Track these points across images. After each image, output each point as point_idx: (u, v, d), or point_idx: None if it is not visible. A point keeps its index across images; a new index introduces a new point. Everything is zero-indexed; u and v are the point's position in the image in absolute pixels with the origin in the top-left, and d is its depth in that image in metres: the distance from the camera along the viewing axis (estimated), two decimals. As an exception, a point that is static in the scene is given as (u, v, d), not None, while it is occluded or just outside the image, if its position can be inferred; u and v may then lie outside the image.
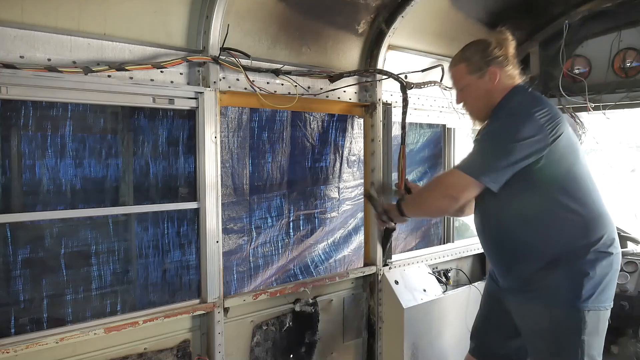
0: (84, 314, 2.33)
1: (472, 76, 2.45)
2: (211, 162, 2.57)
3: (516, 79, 2.47)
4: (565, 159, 2.31)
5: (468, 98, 2.52)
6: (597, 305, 2.29)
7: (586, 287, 2.27)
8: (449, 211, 2.54)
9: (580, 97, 3.79)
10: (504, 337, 2.66)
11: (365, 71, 3.18)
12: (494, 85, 2.42)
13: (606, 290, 2.32)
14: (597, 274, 2.28)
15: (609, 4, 3.67)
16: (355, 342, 3.38)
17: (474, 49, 2.47)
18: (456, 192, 2.33)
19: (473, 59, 2.44)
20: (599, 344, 2.34)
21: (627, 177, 7.50)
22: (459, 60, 2.50)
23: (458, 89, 2.55)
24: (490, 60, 2.42)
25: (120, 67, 2.23)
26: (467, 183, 2.30)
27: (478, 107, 2.51)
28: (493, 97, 2.43)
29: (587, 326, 2.27)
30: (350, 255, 3.38)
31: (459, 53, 2.53)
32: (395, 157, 3.35)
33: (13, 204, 2.17)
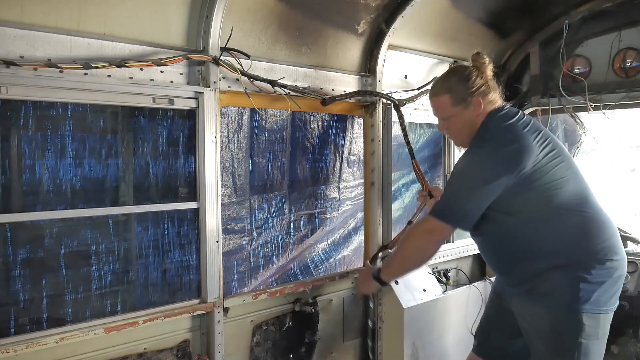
0: (84, 314, 2.32)
1: (457, 107, 2.45)
2: (211, 162, 2.57)
3: (497, 103, 2.49)
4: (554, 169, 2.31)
5: (452, 128, 2.53)
6: (597, 308, 2.29)
7: (584, 290, 2.28)
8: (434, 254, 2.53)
9: (581, 97, 3.79)
10: (507, 336, 2.67)
11: (356, 94, 3.17)
12: (477, 114, 2.44)
13: (606, 294, 2.32)
14: (595, 279, 2.29)
15: (609, 4, 3.67)
16: (355, 342, 3.38)
17: (456, 79, 2.45)
18: (437, 236, 2.41)
19: (456, 90, 2.43)
20: (599, 348, 2.34)
21: (627, 177, 7.50)
22: (443, 90, 2.48)
23: (441, 118, 2.55)
24: (474, 91, 2.42)
25: (120, 63, 2.23)
26: (443, 227, 2.38)
27: (462, 135, 2.53)
28: (475, 124, 2.46)
29: (585, 329, 2.27)
30: (350, 255, 3.38)
31: (441, 82, 2.52)
32: (395, 157, 3.36)
33: (13, 204, 2.16)
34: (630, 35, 3.69)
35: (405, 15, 3.15)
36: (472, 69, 2.46)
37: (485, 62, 2.48)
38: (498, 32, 3.87)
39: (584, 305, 2.27)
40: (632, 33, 3.68)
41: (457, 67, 2.57)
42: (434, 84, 2.57)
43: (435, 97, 2.52)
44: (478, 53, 2.50)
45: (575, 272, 2.29)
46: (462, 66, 2.54)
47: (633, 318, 3.52)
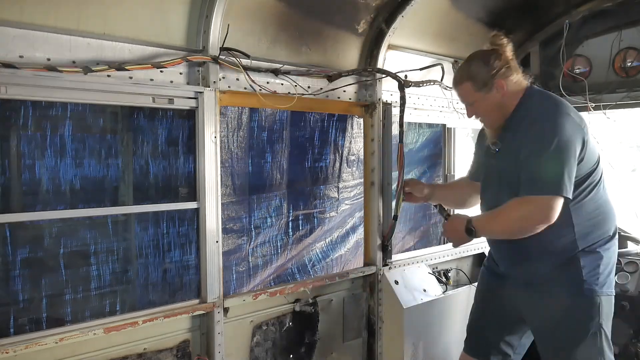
0: (84, 314, 2.32)
1: (480, 92, 2.48)
2: (211, 162, 2.56)
3: (523, 83, 2.53)
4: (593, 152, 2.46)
5: (480, 112, 2.56)
6: (609, 290, 2.47)
7: (602, 273, 2.44)
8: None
9: (581, 96, 3.79)
10: (502, 333, 2.69)
11: (363, 70, 3.18)
12: (503, 95, 2.47)
13: (612, 274, 2.51)
14: (609, 257, 2.49)
15: (610, 4, 3.67)
16: (355, 342, 3.38)
17: (476, 65, 2.49)
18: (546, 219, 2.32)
19: (478, 76, 2.47)
20: (610, 324, 2.51)
21: (628, 177, 7.50)
22: (463, 78, 2.53)
23: (467, 104, 2.59)
24: (494, 73, 2.45)
25: (119, 66, 2.23)
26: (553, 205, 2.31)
27: (492, 119, 2.56)
28: (505, 107, 2.50)
29: (603, 311, 2.44)
30: (350, 255, 3.37)
31: (462, 71, 2.57)
32: (394, 157, 3.35)
33: (12, 204, 2.16)
34: (630, 35, 3.69)
35: (405, 15, 3.15)
36: (491, 52, 2.48)
37: (504, 42, 2.49)
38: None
39: (602, 289, 2.44)
40: (633, 33, 3.68)
41: (476, 52, 2.56)
42: (456, 72, 2.62)
43: (458, 85, 2.56)
44: (496, 34, 2.51)
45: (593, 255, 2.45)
46: (481, 51, 2.54)
47: (633, 318, 3.52)
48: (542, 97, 2.52)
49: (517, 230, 2.42)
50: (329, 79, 2.98)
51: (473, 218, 2.56)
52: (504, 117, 2.52)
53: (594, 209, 2.47)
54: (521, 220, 2.39)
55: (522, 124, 2.46)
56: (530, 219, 2.36)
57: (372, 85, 3.27)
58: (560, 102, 2.48)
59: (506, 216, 2.44)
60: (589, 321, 2.45)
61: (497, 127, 2.56)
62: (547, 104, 2.47)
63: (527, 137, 2.40)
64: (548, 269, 2.48)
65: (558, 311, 2.48)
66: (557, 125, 2.34)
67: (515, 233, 2.44)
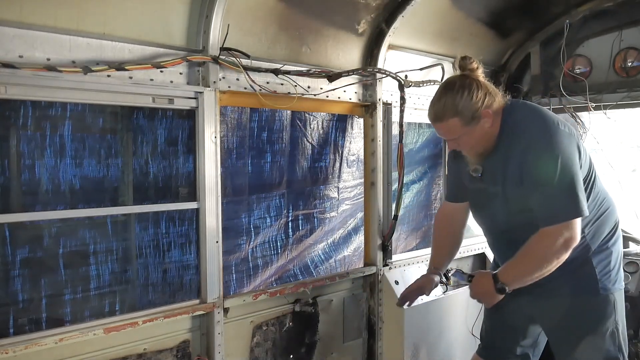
0: (83, 314, 2.32)
1: (468, 126, 2.34)
2: (211, 162, 2.56)
3: (501, 104, 2.42)
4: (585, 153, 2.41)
5: (467, 144, 2.42)
6: (620, 285, 2.50)
7: (613, 269, 2.45)
8: None
9: (581, 96, 3.78)
10: (517, 338, 2.68)
11: (363, 70, 3.17)
12: (490, 125, 2.37)
13: (621, 268, 2.53)
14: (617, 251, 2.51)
15: (610, 4, 3.66)
16: (355, 342, 3.38)
17: (460, 99, 2.32)
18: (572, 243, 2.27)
19: (464, 112, 2.31)
20: (624, 321, 2.53)
21: (628, 177, 7.50)
22: (449, 114, 2.33)
23: (452, 139, 2.43)
24: (480, 105, 2.33)
25: (119, 66, 2.23)
26: (576, 227, 2.26)
27: (479, 147, 2.44)
28: (491, 131, 2.39)
29: (618, 307, 2.46)
30: (350, 255, 3.37)
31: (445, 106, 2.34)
32: (394, 157, 3.35)
33: (12, 204, 2.16)
34: (631, 35, 3.68)
35: (405, 15, 3.14)
36: (469, 82, 2.35)
37: (474, 66, 2.38)
38: (498, 32, 3.86)
39: (615, 285, 2.46)
40: (633, 33, 3.68)
41: (452, 81, 2.40)
42: (434, 107, 2.41)
43: (441, 122, 2.38)
44: (464, 58, 2.40)
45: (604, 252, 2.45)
46: (458, 79, 2.39)
47: (634, 318, 3.51)
48: (526, 114, 2.39)
49: (551, 267, 2.30)
50: (329, 79, 2.97)
51: (499, 273, 2.40)
52: (490, 144, 2.41)
53: (597, 208, 2.45)
54: (551, 255, 2.28)
55: (511, 147, 2.35)
56: (559, 251, 2.27)
57: (372, 85, 3.27)
58: (545, 116, 2.38)
59: (534, 257, 2.33)
60: (606, 320, 2.43)
61: (483, 154, 2.45)
62: (533, 121, 2.36)
63: (528, 165, 2.30)
64: (561, 272, 2.38)
65: (573, 313, 2.45)
66: (554, 146, 2.26)
67: (550, 269, 2.31)
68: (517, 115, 2.39)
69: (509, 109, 2.41)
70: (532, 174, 2.29)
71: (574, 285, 2.43)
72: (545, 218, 2.29)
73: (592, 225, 2.43)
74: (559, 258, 2.28)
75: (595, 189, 2.45)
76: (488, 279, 2.41)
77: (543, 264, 2.30)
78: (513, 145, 2.36)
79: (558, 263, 2.29)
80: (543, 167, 2.27)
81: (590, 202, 2.38)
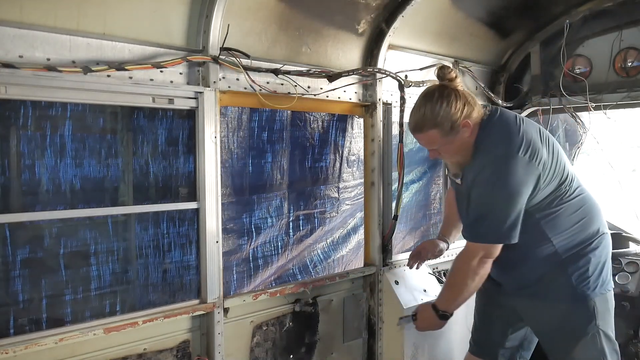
0: (84, 314, 2.32)
1: (448, 137, 2.38)
2: (211, 162, 2.56)
3: (480, 115, 2.43)
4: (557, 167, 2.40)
5: (446, 154, 2.49)
6: (602, 290, 2.47)
7: (593, 274, 2.44)
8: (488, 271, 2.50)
9: (581, 96, 3.78)
10: (506, 332, 2.71)
11: (363, 70, 3.17)
12: (469, 135, 2.40)
13: (605, 272, 2.50)
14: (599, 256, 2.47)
15: (610, 4, 3.67)
16: (355, 342, 3.38)
17: (440, 108, 2.35)
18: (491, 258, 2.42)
19: (444, 122, 2.35)
20: (610, 320, 2.51)
21: (628, 177, 7.50)
22: (428, 125, 2.38)
23: (432, 149, 2.49)
24: (459, 116, 2.35)
25: (119, 66, 2.23)
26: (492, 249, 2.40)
27: (459, 157, 2.48)
28: (469, 141, 2.42)
29: (599, 312, 2.44)
30: (350, 255, 3.37)
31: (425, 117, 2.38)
32: (394, 157, 3.35)
33: (12, 204, 2.16)
34: (631, 35, 3.68)
35: (405, 15, 3.14)
36: (449, 91, 2.37)
37: (453, 76, 2.41)
38: (498, 32, 3.86)
39: (595, 291, 2.44)
40: (633, 33, 3.68)
41: (431, 91, 2.42)
42: (414, 117, 2.45)
43: (421, 132, 2.42)
44: (442, 67, 2.43)
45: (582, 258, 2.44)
46: (437, 89, 2.41)
47: (633, 318, 3.52)
48: (493, 132, 2.40)
49: (475, 282, 2.46)
50: (329, 79, 2.97)
51: (436, 302, 2.60)
52: (469, 153, 2.43)
53: (571, 219, 2.45)
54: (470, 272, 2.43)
55: (475, 162, 2.40)
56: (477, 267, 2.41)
57: (372, 85, 3.27)
58: (511, 139, 2.35)
59: (457, 276, 2.52)
60: (585, 325, 2.45)
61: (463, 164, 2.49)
62: (497, 142, 2.37)
63: (476, 181, 2.37)
64: (536, 276, 2.48)
65: (554, 316, 2.49)
66: (504, 174, 2.29)
67: (476, 284, 2.47)
68: (487, 131, 2.41)
69: (485, 122, 2.43)
70: (475, 188, 2.38)
71: (552, 292, 2.46)
72: (468, 233, 2.45)
73: (564, 236, 2.44)
74: (478, 273, 2.42)
75: (565, 201, 2.44)
76: (429, 311, 2.61)
77: (466, 281, 2.46)
78: (477, 160, 2.40)
79: (480, 278, 2.44)
80: (486, 186, 2.35)
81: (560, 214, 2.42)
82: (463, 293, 2.51)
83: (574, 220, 2.45)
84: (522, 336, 2.74)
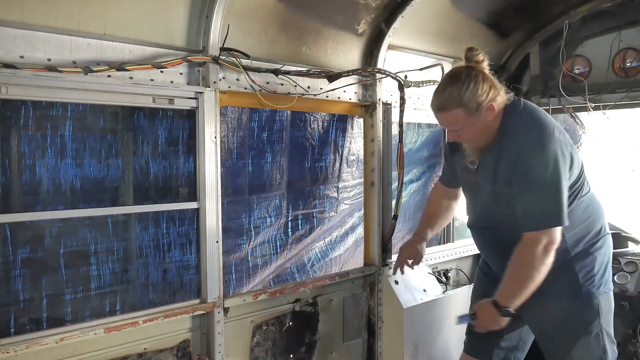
0: (84, 313, 2.33)
1: (471, 118, 2.35)
2: (211, 162, 2.57)
3: (504, 100, 2.42)
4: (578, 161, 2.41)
5: (466, 136, 2.44)
6: (605, 289, 2.48)
7: (598, 273, 2.45)
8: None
9: (580, 97, 3.79)
10: (502, 332, 2.68)
11: (363, 70, 3.18)
12: (493, 118, 2.39)
13: (607, 271, 2.52)
14: (603, 255, 2.49)
15: (609, 4, 3.67)
16: (355, 342, 3.38)
17: (465, 91, 2.32)
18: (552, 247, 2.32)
19: (469, 103, 2.33)
20: (611, 320, 2.53)
21: (627, 177, 7.50)
22: (454, 104, 2.34)
23: (454, 130, 2.43)
24: (484, 98, 2.34)
25: (120, 67, 2.23)
26: (555, 233, 2.31)
27: (480, 141, 2.45)
28: (493, 125, 2.41)
29: (602, 310, 2.46)
30: (350, 255, 3.38)
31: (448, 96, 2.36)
32: (394, 157, 3.35)
33: (13, 204, 2.17)
34: (630, 35, 3.69)
35: (405, 15, 3.15)
36: (475, 73, 2.36)
37: (480, 58, 2.40)
38: (498, 32, 3.87)
39: (599, 289, 2.45)
40: (632, 33, 3.68)
41: (458, 71, 2.40)
42: (439, 97, 2.41)
43: (445, 112, 2.38)
44: (471, 49, 2.41)
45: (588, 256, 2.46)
46: (464, 70, 2.39)
47: (633, 318, 3.52)
48: (523, 117, 2.40)
49: (541, 273, 2.33)
50: (329, 79, 2.97)
51: (498, 298, 2.40)
52: (490, 138, 2.43)
53: (582, 214, 2.46)
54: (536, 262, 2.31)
55: (505, 147, 2.38)
56: (542, 256, 2.30)
57: (372, 86, 3.27)
58: (543, 121, 2.39)
59: (522, 268, 2.36)
60: (589, 324, 2.46)
61: (483, 148, 2.47)
62: (530, 126, 2.37)
63: (518, 168, 2.33)
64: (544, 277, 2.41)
65: (557, 314, 2.49)
66: (546, 153, 2.28)
67: (540, 276, 2.34)
68: (516, 115, 2.41)
69: (510, 108, 2.42)
70: (521, 177, 2.33)
71: (557, 290, 2.44)
72: (527, 223, 2.34)
73: (575, 231, 2.44)
74: (544, 262, 2.32)
75: (580, 196, 2.46)
76: (490, 309, 2.41)
77: (532, 273, 2.33)
78: (508, 145, 2.38)
79: (546, 268, 2.33)
80: (532, 172, 2.31)
81: (574, 209, 2.41)
82: (528, 286, 2.34)
83: (584, 217, 2.46)
84: (517, 336, 2.74)
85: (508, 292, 2.40)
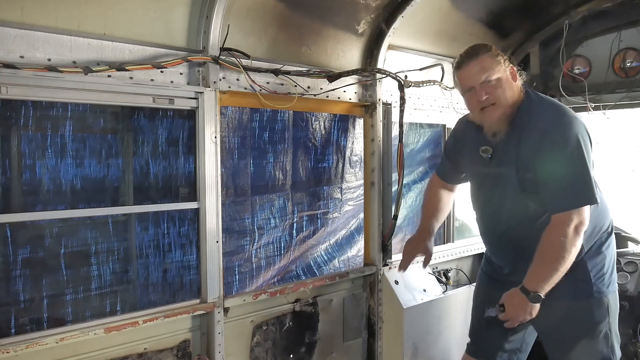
0: (84, 314, 2.33)
1: (501, 67, 2.34)
2: (211, 162, 2.57)
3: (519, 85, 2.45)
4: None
5: (499, 93, 2.33)
6: (613, 287, 2.49)
7: (607, 272, 2.45)
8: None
9: (580, 97, 3.79)
10: (505, 334, 2.67)
11: (363, 70, 3.18)
12: (516, 86, 2.39)
13: (614, 270, 2.52)
14: (611, 254, 2.50)
15: (609, 4, 3.67)
16: (355, 342, 3.38)
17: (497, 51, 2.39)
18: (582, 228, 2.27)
19: (498, 55, 2.37)
20: (617, 318, 2.54)
21: (627, 177, 7.50)
22: (484, 51, 2.36)
23: (485, 80, 2.33)
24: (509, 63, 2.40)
25: (120, 67, 2.23)
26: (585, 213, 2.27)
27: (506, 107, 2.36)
28: (515, 100, 2.38)
29: (611, 309, 2.46)
30: (350, 255, 3.37)
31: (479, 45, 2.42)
32: (394, 157, 3.36)
33: (13, 204, 2.17)
34: (630, 35, 3.70)
35: (405, 16, 3.15)
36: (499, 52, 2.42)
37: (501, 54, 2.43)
38: (498, 32, 3.87)
39: (609, 288, 2.45)
40: (632, 33, 3.69)
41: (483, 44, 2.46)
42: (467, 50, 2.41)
43: (476, 57, 2.35)
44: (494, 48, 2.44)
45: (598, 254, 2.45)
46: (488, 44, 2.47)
47: (633, 318, 3.52)
48: (544, 101, 2.43)
49: (571, 255, 2.27)
50: (329, 79, 2.97)
51: (526, 284, 2.32)
52: (510, 114, 2.37)
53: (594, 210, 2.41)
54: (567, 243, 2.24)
55: (525, 133, 2.35)
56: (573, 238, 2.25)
57: (372, 86, 3.27)
58: (562, 105, 2.43)
59: (552, 250, 2.28)
60: (599, 323, 2.44)
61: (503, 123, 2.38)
62: (552, 109, 2.38)
63: (543, 147, 2.29)
64: None
65: (568, 316, 2.46)
66: (571, 133, 2.27)
67: (570, 258, 2.27)
68: (534, 100, 2.41)
69: (526, 95, 2.44)
70: (547, 156, 2.29)
71: (568, 289, 2.39)
72: (556, 204, 2.29)
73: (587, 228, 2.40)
74: (575, 244, 2.26)
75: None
76: (518, 296, 2.34)
77: (563, 254, 2.25)
78: (528, 129, 2.35)
79: (576, 249, 2.27)
80: (559, 150, 2.28)
81: None
82: (559, 269, 2.25)
83: (595, 214, 2.41)
84: (521, 338, 2.71)
85: (537, 275, 2.30)
